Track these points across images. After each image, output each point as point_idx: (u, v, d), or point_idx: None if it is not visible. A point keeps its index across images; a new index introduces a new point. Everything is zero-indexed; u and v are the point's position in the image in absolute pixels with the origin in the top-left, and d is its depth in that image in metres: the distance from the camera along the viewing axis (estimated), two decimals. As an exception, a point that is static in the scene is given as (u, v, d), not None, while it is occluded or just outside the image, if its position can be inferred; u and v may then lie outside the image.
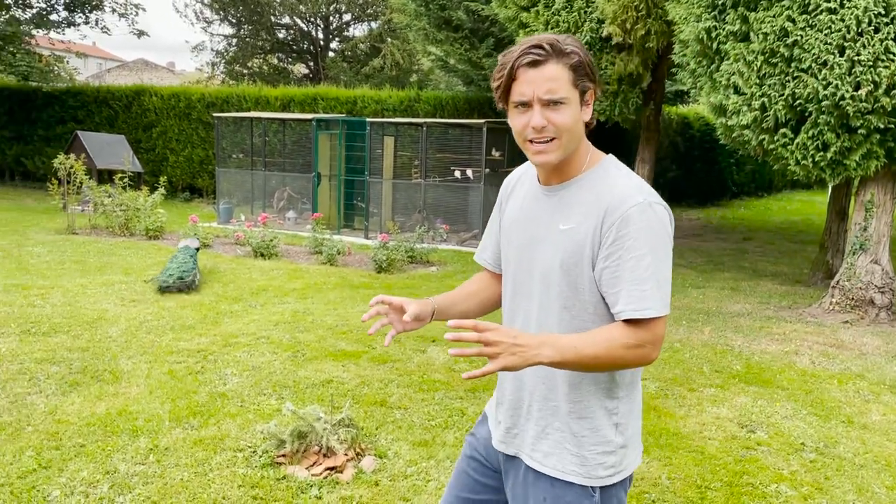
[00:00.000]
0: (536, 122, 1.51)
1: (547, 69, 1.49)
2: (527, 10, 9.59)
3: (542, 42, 1.50)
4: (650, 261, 1.49)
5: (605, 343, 1.48)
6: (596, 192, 1.56)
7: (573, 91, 1.52)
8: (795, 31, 6.19)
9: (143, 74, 37.97)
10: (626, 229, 1.49)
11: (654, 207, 1.51)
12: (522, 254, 1.67)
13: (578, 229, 1.55)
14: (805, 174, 6.70)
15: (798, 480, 3.51)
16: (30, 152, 18.34)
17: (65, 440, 3.60)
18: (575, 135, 1.55)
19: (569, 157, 1.58)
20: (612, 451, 1.62)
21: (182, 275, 7.11)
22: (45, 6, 18.70)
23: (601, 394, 1.61)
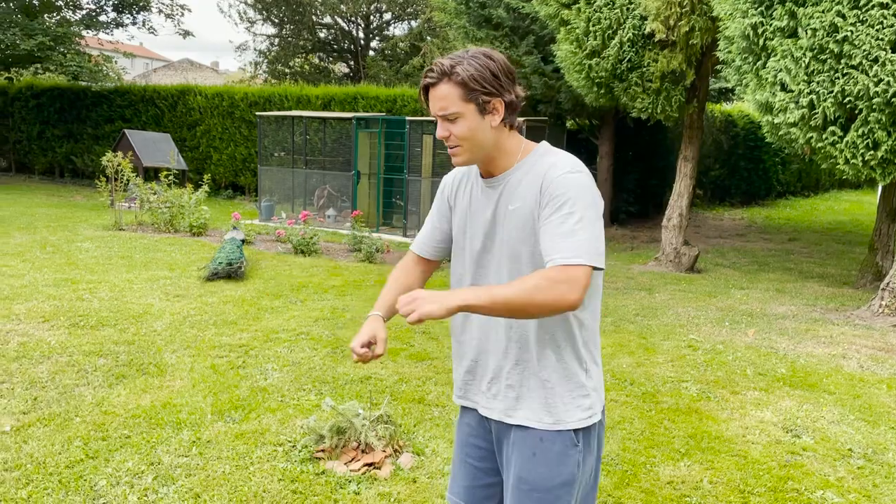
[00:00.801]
0: (439, 133, 1.78)
1: (439, 89, 1.74)
2: (568, 6, 9.51)
3: (434, 66, 1.74)
4: (577, 218, 1.65)
5: (519, 283, 1.63)
6: (534, 172, 1.77)
7: (465, 105, 1.72)
8: (846, 26, 6.03)
9: (188, 74, 38.71)
10: (556, 191, 1.69)
11: (581, 172, 1.73)
12: (479, 239, 1.86)
13: (524, 205, 1.75)
14: (854, 173, 6.52)
15: (845, 487, 3.42)
16: (79, 150, 18.85)
17: (111, 431, 3.69)
18: (477, 140, 1.76)
19: (494, 155, 1.80)
20: (587, 395, 1.81)
21: (230, 261, 7.58)
22: (95, 7, 19.19)
23: (568, 345, 1.79)
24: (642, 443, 3.84)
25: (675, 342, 5.90)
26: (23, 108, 19.38)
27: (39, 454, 3.40)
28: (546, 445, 1.79)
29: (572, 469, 1.79)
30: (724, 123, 18.02)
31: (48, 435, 3.61)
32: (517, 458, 1.82)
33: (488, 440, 1.94)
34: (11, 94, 19.47)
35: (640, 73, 9.18)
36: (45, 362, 4.68)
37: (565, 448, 1.78)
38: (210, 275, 7.44)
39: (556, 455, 1.78)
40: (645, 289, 8.10)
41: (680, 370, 5.15)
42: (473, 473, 1.97)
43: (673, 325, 6.46)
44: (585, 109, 12.58)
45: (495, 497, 1.96)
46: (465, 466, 1.98)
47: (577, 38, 9.44)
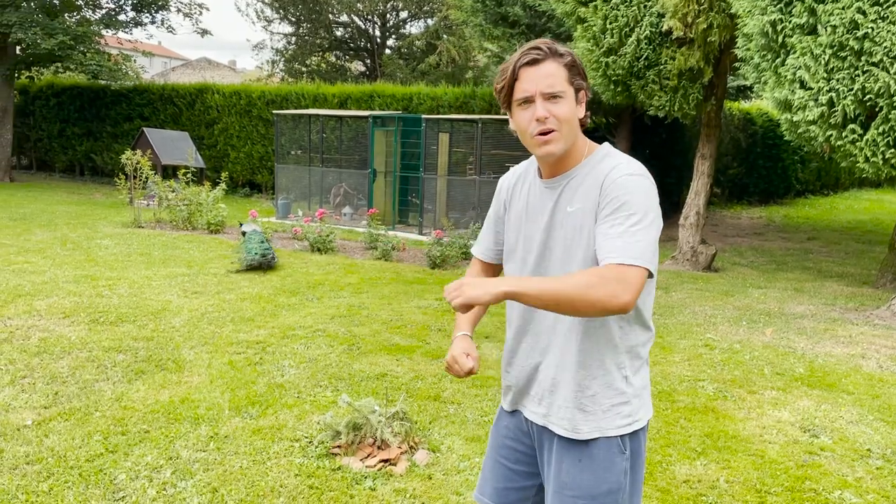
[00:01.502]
0: (540, 112, 1.67)
1: (545, 66, 1.68)
2: (584, 4, 9.47)
3: (538, 44, 1.70)
4: (634, 220, 1.63)
5: (572, 277, 1.62)
6: (595, 174, 1.73)
7: (569, 87, 1.70)
8: (866, 23, 5.96)
9: (206, 73, 38.97)
10: (616, 192, 1.66)
11: (644, 175, 1.70)
12: (536, 242, 1.82)
13: (584, 207, 1.72)
14: (875, 172, 6.45)
15: (863, 488, 3.39)
16: (99, 148, 19.05)
17: (130, 426, 3.73)
18: (573, 127, 1.72)
19: (569, 151, 1.75)
20: (627, 402, 1.77)
21: (265, 252, 8.12)
22: (114, 7, 19.36)
23: (609, 352, 1.75)
24: (658, 441, 3.83)
25: (691, 341, 5.87)
26: (43, 107, 19.62)
27: (60, 448, 3.45)
28: (592, 452, 1.76)
29: (619, 476, 1.76)
30: (743, 121, 17.87)
31: (69, 429, 3.66)
32: (561, 463, 1.79)
33: (525, 444, 1.92)
34: (32, 92, 19.71)
35: (657, 71, 9.13)
36: (65, 358, 4.74)
37: (611, 455, 1.76)
38: (246, 266, 7.94)
39: (603, 462, 1.75)
40: (661, 287, 8.06)
41: (697, 369, 5.12)
42: (507, 475, 1.95)
43: (690, 324, 6.43)
44: (602, 107, 12.52)
45: (527, 500, 1.94)
46: (499, 468, 1.96)
47: (594, 36, 9.40)
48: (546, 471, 1.85)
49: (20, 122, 19.26)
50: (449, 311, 6.47)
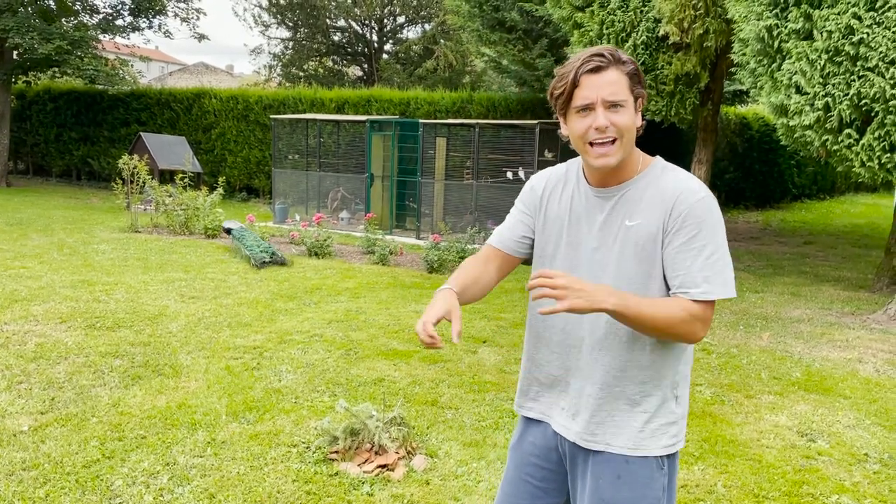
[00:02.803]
0: (600, 122, 1.62)
1: (608, 74, 1.62)
2: (581, 10, 9.51)
3: (601, 51, 1.63)
4: (712, 249, 1.63)
5: (664, 307, 1.61)
6: (658, 189, 1.69)
7: (630, 96, 1.65)
8: (862, 28, 5.99)
9: (204, 77, 38.98)
10: (690, 219, 1.63)
11: (713, 201, 1.67)
12: (582, 251, 1.76)
13: (647, 223, 1.67)
14: (871, 176, 6.47)
15: (861, 492, 3.40)
16: (96, 153, 19.04)
17: (127, 432, 3.72)
18: (631, 137, 1.67)
19: (625, 161, 1.69)
20: (675, 422, 1.76)
21: (273, 252, 8.59)
22: (112, 12, 19.36)
23: (669, 371, 1.73)
24: (656, 446, 3.82)
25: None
26: (40, 112, 19.61)
27: (57, 454, 3.44)
28: (632, 468, 1.73)
29: (657, 493, 1.74)
30: (739, 126, 17.92)
31: (65, 435, 3.65)
32: (598, 479, 1.75)
33: (552, 460, 1.87)
34: (29, 97, 19.71)
35: (654, 76, 9.16)
36: (62, 363, 4.73)
37: (651, 471, 1.73)
38: (260, 263, 8.40)
39: (643, 478, 1.73)
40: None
41: (693, 373, 5.13)
42: (532, 493, 1.90)
43: (687, 329, 6.42)
44: (599, 112, 12.53)
45: None
46: (524, 485, 1.90)
47: (591, 41, 9.42)
48: (580, 487, 1.80)
49: (17, 127, 19.25)
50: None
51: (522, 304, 7.16)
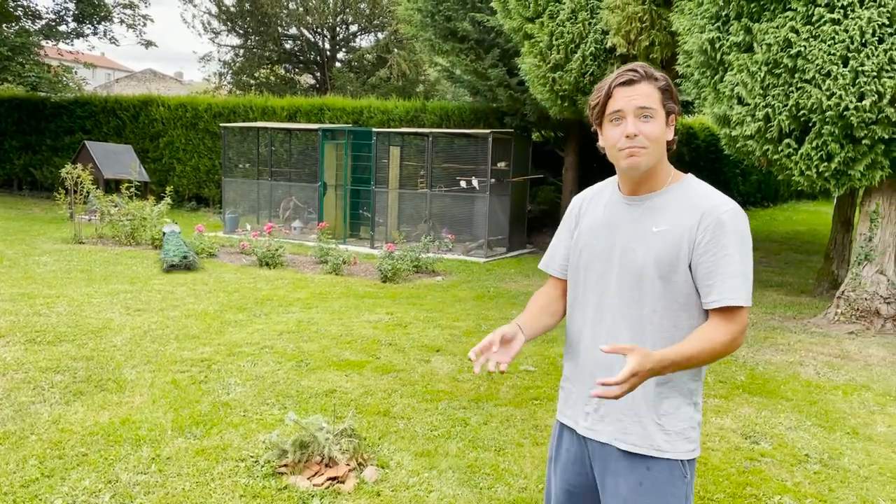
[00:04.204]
0: (630, 129, 1.72)
1: (640, 87, 1.73)
2: (532, 21, 9.63)
3: (635, 66, 1.76)
4: (739, 259, 1.71)
5: (707, 345, 1.69)
6: (687, 200, 1.77)
7: (660, 108, 1.75)
8: (799, 41, 6.21)
9: (151, 85, 38.23)
10: (720, 230, 1.71)
11: (741, 214, 1.75)
12: (611, 256, 1.84)
13: (673, 230, 1.75)
14: (809, 185, 6.69)
15: (802, 492, 3.49)
16: (38, 162, 18.47)
17: (68, 449, 3.61)
18: (661, 147, 1.77)
19: (654, 170, 1.79)
20: (694, 428, 1.81)
21: (185, 254, 8.69)
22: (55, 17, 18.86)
23: (686, 377, 1.80)
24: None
25: (638, 351, 5.96)
26: (-21, 119, 18.97)
27: (-8, 474, 3.31)
28: (654, 475, 1.78)
29: (680, 501, 1.78)
30: (686, 135, 18.35)
31: (2, 454, 3.52)
32: (621, 486, 1.80)
33: (586, 465, 1.91)
34: (-33, 104, 19.05)
35: (602, 86, 9.30)
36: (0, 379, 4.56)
37: (673, 479, 1.78)
38: (168, 268, 8.57)
39: (664, 486, 1.77)
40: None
41: (643, 379, 5.20)
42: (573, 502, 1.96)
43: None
44: (550, 121, 12.71)
45: None
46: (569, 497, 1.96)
47: (541, 52, 9.56)
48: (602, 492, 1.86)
49: (-46, 135, 18.58)
50: (400, 326, 6.45)
51: (476, 313, 7.19)
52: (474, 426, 4.13)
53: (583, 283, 1.91)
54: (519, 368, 5.29)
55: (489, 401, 4.55)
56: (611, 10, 8.50)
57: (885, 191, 6.87)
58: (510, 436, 4.02)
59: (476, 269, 10.26)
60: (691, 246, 1.73)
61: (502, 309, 7.47)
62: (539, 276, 9.64)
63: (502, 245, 12.10)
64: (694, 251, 1.73)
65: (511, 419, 4.27)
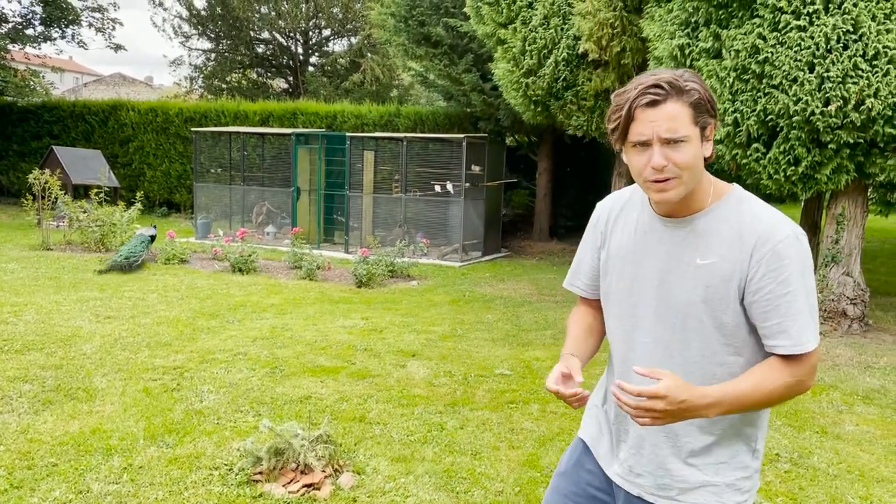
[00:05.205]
0: (657, 161, 1.46)
1: (667, 108, 1.45)
2: (504, 26, 9.69)
3: (660, 81, 1.46)
4: (803, 293, 1.49)
5: (769, 388, 1.48)
6: (736, 224, 1.53)
7: (693, 128, 1.47)
8: (766, 48, 6.32)
9: (121, 89, 37.74)
10: (778, 262, 1.47)
11: (800, 239, 1.51)
12: (646, 288, 1.62)
13: (722, 263, 1.51)
14: (777, 188, 6.81)
15: (773, 491, 3.55)
16: (4, 168, 18.13)
17: (37, 459, 3.54)
18: (696, 172, 1.51)
19: (692, 191, 1.54)
20: (749, 476, 1.62)
21: (128, 255, 8.86)
22: (21, 21, 18.55)
23: (743, 423, 1.60)
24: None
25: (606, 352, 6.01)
26: (-58, 124, 18.57)
27: (-42, 487, 3.23)
28: None
29: None
30: (657, 140, 18.55)
31: (-32, 466, 3.44)
32: None
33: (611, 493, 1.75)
34: (-70, 108, 18.63)
35: (574, 92, 9.41)
36: (-35, 390, 4.46)
37: None
38: (109, 267, 8.69)
39: None
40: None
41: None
42: None
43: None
44: (524, 126, 12.79)
45: None
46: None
47: (514, 57, 9.62)
48: None
49: (-84, 140, 18.16)
50: (375, 331, 6.43)
51: (451, 317, 7.19)
52: (450, 431, 4.13)
53: (613, 316, 1.71)
54: (495, 372, 5.30)
55: (465, 405, 4.56)
56: (583, 17, 8.58)
57: (851, 194, 7.01)
58: (486, 440, 4.03)
59: (451, 273, 10.27)
60: (743, 280, 1.50)
61: (478, 313, 7.49)
62: (513, 280, 9.68)
63: (477, 249, 12.13)
64: (747, 287, 1.50)
65: (487, 423, 4.28)
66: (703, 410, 1.43)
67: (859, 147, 6.37)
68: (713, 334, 1.54)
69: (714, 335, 1.54)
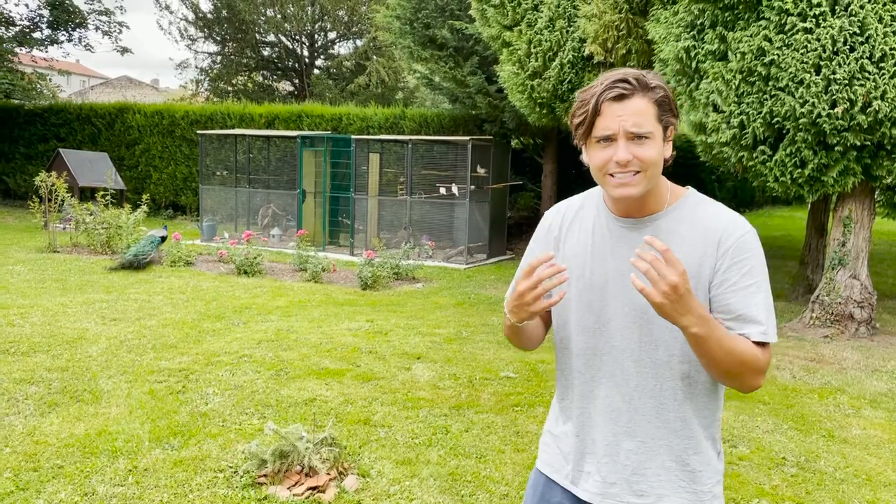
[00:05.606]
0: (622, 156, 1.46)
1: (633, 103, 1.46)
2: (510, 29, 9.68)
3: (627, 76, 1.47)
4: (765, 286, 1.51)
5: (742, 348, 1.45)
6: (696, 224, 1.54)
7: (657, 126, 1.49)
8: (772, 50, 6.30)
9: (127, 92, 37.89)
10: (743, 254, 1.50)
11: (757, 236, 1.54)
12: (609, 291, 1.59)
13: (688, 259, 1.50)
14: (784, 191, 6.79)
15: (779, 495, 3.53)
16: (11, 170, 18.21)
17: (43, 461, 3.55)
18: (658, 170, 1.52)
19: (650, 191, 1.54)
20: (719, 481, 1.61)
21: (136, 253, 9.17)
22: (29, 24, 18.64)
23: (707, 423, 1.58)
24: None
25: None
26: (-50, 127, 18.68)
27: (-36, 489, 3.24)
28: None
29: None
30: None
31: (-26, 468, 3.45)
32: None
33: None
34: (-62, 111, 18.75)
35: (580, 94, 9.36)
36: (-29, 392, 4.48)
37: None
38: (119, 265, 9.06)
39: None
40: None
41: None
42: None
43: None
44: (529, 128, 12.78)
45: None
46: None
47: (520, 60, 9.61)
48: None
49: (-76, 143, 18.27)
50: (380, 333, 6.43)
51: (456, 320, 7.19)
52: (455, 433, 4.13)
53: (572, 323, 1.64)
54: (500, 375, 5.29)
55: (470, 408, 4.55)
56: (588, 19, 8.57)
57: (858, 196, 6.98)
58: (491, 443, 4.03)
59: (456, 275, 10.27)
60: (711, 276, 1.51)
61: (483, 315, 7.48)
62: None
63: (482, 252, 12.12)
64: (715, 278, 1.51)
65: (492, 426, 4.28)
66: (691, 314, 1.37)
67: (866, 149, 6.35)
68: (680, 333, 1.50)
69: (681, 334, 1.50)
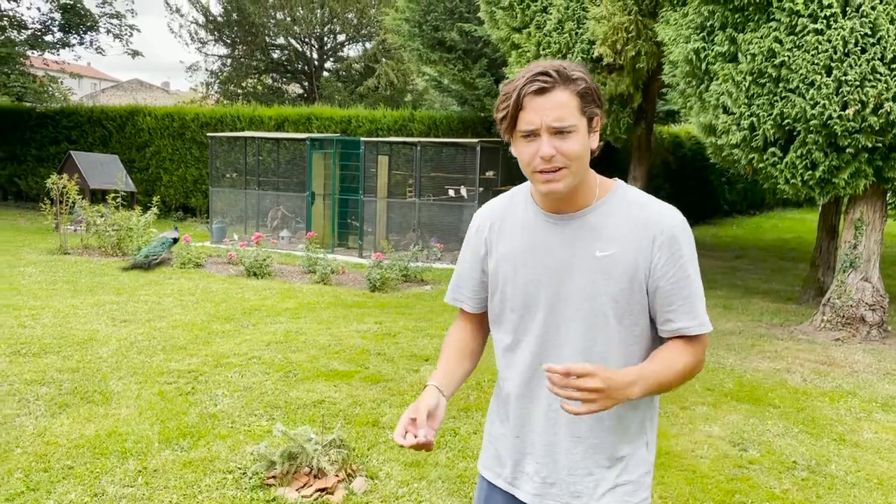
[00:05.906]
0: (545, 151, 1.45)
1: (554, 96, 1.44)
2: (519, 31, 9.67)
3: (548, 69, 1.45)
4: (696, 277, 1.54)
5: (679, 368, 1.50)
6: (627, 216, 1.54)
7: (581, 118, 1.47)
8: (783, 51, 6.27)
9: (138, 94, 38.11)
10: (677, 247, 1.51)
11: (688, 226, 1.56)
12: (542, 288, 1.57)
13: (622, 254, 1.51)
14: (794, 193, 6.75)
15: (790, 499, 3.51)
16: (23, 172, 18.35)
17: (53, 462, 3.57)
18: (584, 163, 1.51)
19: (579, 186, 1.53)
20: (649, 472, 1.63)
21: (147, 254, 9.41)
22: (40, 27, 18.79)
23: (641, 418, 1.61)
24: (594, 460, 3.87)
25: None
26: (-37, 129, 18.83)
27: (-24, 489, 3.27)
28: None
29: None
30: (672, 144, 18.49)
31: (-15, 468, 3.48)
32: None
33: None
34: (-49, 114, 18.91)
35: (589, 96, 9.35)
36: (-17, 392, 4.51)
37: None
38: (130, 266, 9.27)
39: None
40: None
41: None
42: None
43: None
44: (537, 131, 12.76)
45: None
46: None
47: (529, 62, 9.60)
48: None
49: (-63, 145, 18.43)
50: (388, 335, 6.44)
51: (464, 322, 7.18)
52: (463, 436, 4.12)
53: (510, 323, 1.63)
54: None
55: (478, 410, 4.55)
56: (597, 21, 8.56)
57: (869, 199, 6.93)
58: (499, 445, 4.01)
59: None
60: (648, 268, 1.51)
61: (491, 318, 7.46)
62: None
63: (491, 254, 12.08)
64: (652, 272, 1.51)
65: (500, 428, 4.27)
66: (627, 389, 1.39)
67: (878, 151, 6.31)
68: (616, 325, 1.53)
69: (617, 326, 1.53)
